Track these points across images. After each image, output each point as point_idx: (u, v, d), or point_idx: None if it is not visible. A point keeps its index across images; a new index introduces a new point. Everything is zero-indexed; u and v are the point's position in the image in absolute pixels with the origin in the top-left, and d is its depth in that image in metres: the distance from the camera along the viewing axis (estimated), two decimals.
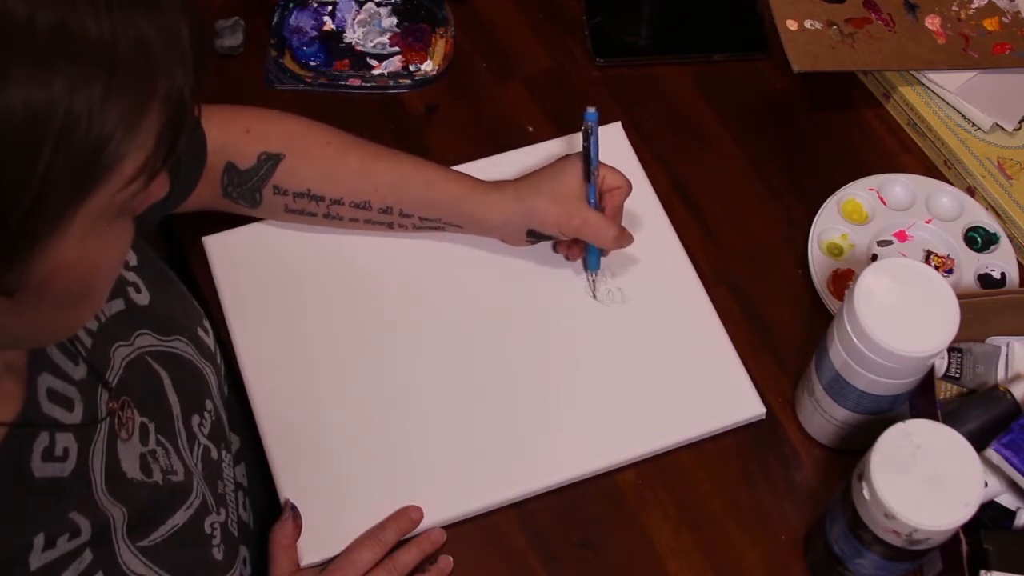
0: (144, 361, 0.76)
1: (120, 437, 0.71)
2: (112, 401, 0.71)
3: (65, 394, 0.67)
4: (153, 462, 0.73)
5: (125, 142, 0.51)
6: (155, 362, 0.77)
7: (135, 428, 0.73)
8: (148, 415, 0.75)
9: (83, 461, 0.67)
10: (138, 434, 0.73)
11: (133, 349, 0.75)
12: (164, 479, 0.74)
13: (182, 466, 0.76)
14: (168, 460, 0.75)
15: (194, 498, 0.76)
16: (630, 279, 0.98)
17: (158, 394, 0.77)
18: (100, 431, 0.69)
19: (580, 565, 0.88)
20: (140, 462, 0.72)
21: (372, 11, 1.13)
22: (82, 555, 0.65)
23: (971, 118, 1.06)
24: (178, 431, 0.77)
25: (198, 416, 0.80)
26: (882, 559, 0.78)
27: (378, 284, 0.97)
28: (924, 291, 0.81)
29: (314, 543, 0.86)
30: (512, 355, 0.94)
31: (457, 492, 0.88)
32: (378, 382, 0.92)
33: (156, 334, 0.78)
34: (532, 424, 0.91)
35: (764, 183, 1.06)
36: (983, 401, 0.86)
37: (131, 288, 0.77)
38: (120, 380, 0.73)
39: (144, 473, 0.72)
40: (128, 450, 0.71)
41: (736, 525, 0.89)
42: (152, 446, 0.74)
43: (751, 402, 0.93)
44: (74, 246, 0.53)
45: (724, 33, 1.15)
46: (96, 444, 0.68)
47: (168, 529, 0.73)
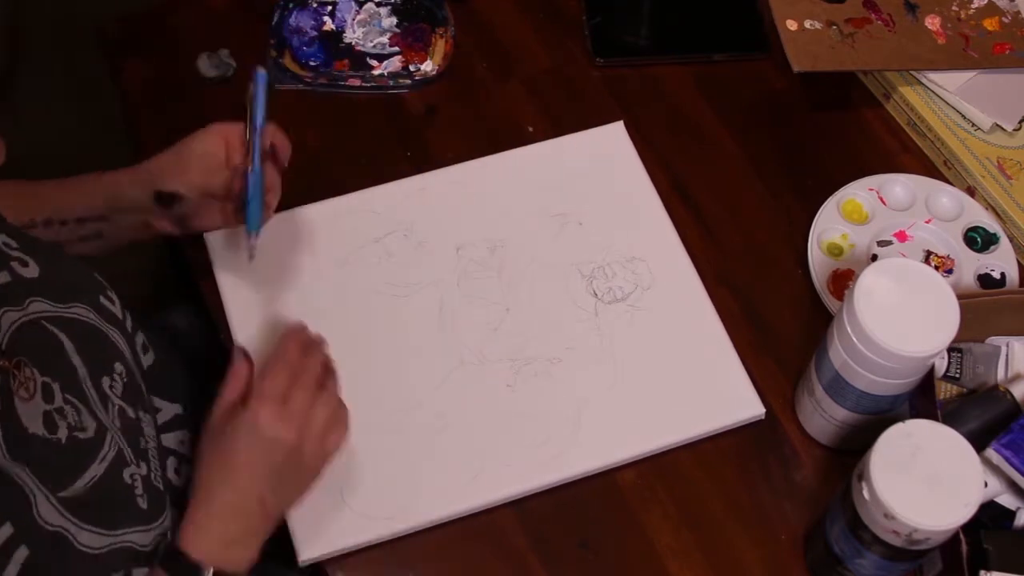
0: (41, 325, 0.77)
1: (19, 396, 0.72)
2: (4, 360, 0.72)
3: None
4: (60, 419, 0.74)
5: None
6: (53, 326, 0.78)
7: (37, 388, 0.73)
8: (51, 375, 0.75)
9: None
10: (40, 393, 0.74)
11: (25, 314, 0.76)
12: (69, 436, 0.74)
13: (94, 422, 0.77)
14: (78, 417, 0.76)
15: (107, 451, 0.77)
16: (630, 279, 0.98)
17: (59, 356, 0.78)
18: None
19: (580, 565, 0.88)
20: (44, 419, 0.73)
21: (372, 11, 1.13)
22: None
23: (971, 118, 1.06)
24: (87, 390, 0.78)
25: (108, 378, 0.81)
26: (882, 559, 0.78)
27: (379, 279, 0.97)
28: (924, 291, 0.81)
29: (314, 538, 0.86)
30: (513, 354, 0.94)
31: (457, 489, 0.88)
32: (378, 378, 0.93)
33: (52, 301, 0.79)
34: (533, 422, 0.91)
35: (764, 183, 1.06)
36: (983, 401, 0.86)
37: (15, 263, 0.78)
38: (11, 342, 0.74)
39: (48, 430, 0.73)
40: (29, 408, 0.72)
41: (736, 525, 0.89)
42: (59, 404, 0.75)
43: (751, 402, 0.93)
44: None
45: (724, 33, 1.15)
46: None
47: (88, 480, 0.74)
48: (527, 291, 0.97)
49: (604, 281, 0.97)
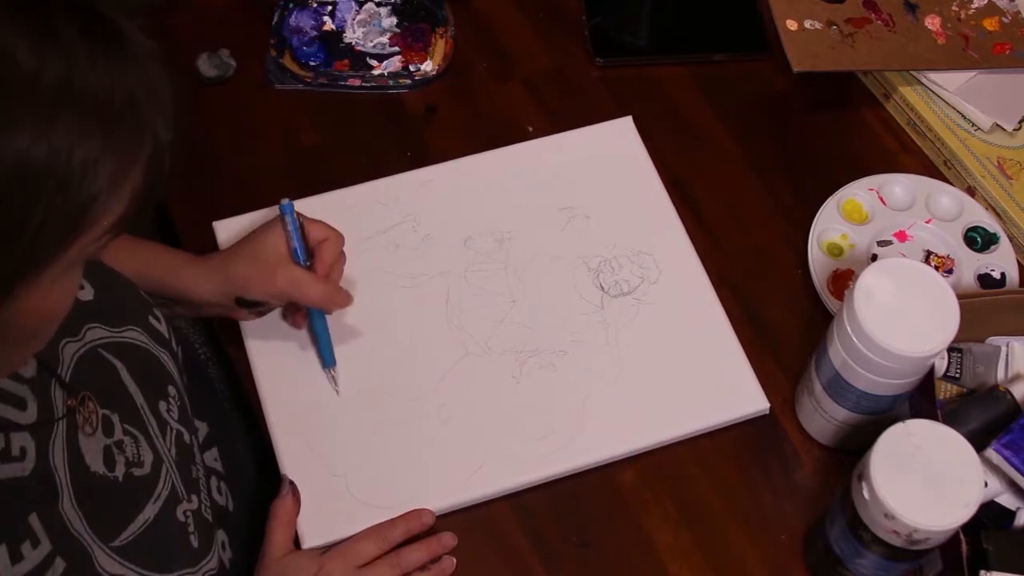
0: (97, 354, 0.76)
1: (84, 432, 0.71)
2: (71, 398, 0.71)
3: (17, 393, 0.67)
4: (119, 453, 0.73)
5: (111, 197, 0.53)
6: (108, 353, 0.77)
7: (98, 422, 0.73)
8: (110, 407, 0.75)
9: (43, 459, 0.67)
10: (101, 427, 0.73)
11: (82, 344, 0.76)
12: (126, 473, 0.74)
13: (151, 454, 0.76)
14: (136, 449, 0.75)
15: (161, 489, 0.76)
16: (636, 272, 0.98)
17: (116, 385, 0.77)
18: (58, 429, 0.69)
19: (580, 565, 0.88)
20: (104, 454, 0.72)
21: (372, 11, 1.13)
22: (53, 564, 0.65)
23: (971, 118, 1.06)
24: (146, 418, 0.78)
25: (164, 402, 0.80)
26: (882, 559, 0.78)
27: (386, 271, 0.97)
28: (924, 291, 0.81)
29: (317, 526, 0.86)
30: (519, 346, 0.94)
31: (462, 479, 0.89)
32: (385, 368, 0.93)
33: (107, 326, 0.78)
34: (538, 414, 0.91)
35: (764, 183, 1.06)
36: (983, 401, 0.86)
37: None
38: (73, 375, 0.73)
39: (107, 467, 0.72)
40: (91, 444, 0.71)
41: (736, 525, 0.89)
42: (119, 436, 0.74)
43: (755, 397, 0.93)
44: (42, 293, 0.54)
45: (724, 33, 1.15)
46: (55, 442, 0.68)
47: (140, 526, 0.73)
48: (534, 284, 0.97)
49: (610, 275, 0.98)
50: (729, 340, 0.95)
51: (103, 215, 0.53)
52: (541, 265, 0.98)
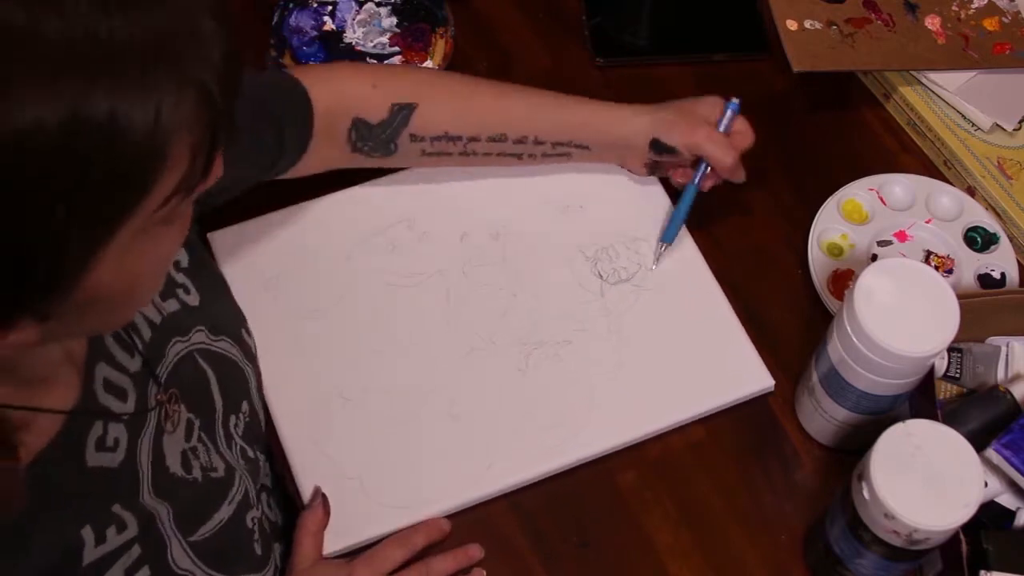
0: (193, 358, 0.77)
1: (166, 430, 0.71)
2: (160, 394, 0.71)
3: (120, 384, 0.68)
4: (193, 459, 0.74)
5: (164, 150, 0.49)
6: (203, 360, 0.78)
7: (181, 422, 0.73)
8: (194, 411, 0.75)
9: (132, 453, 0.67)
10: (183, 429, 0.73)
11: (188, 345, 0.76)
12: (204, 475, 0.74)
13: (222, 462, 0.77)
14: (208, 457, 0.76)
15: (236, 491, 0.77)
16: (633, 259, 0.98)
17: (204, 392, 0.77)
18: (148, 423, 0.69)
19: (580, 565, 0.88)
20: (181, 458, 0.72)
21: (372, 11, 1.13)
22: (131, 549, 0.66)
23: (971, 118, 1.06)
24: (217, 431, 0.78)
25: (235, 416, 0.81)
26: (882, 559, 0.78)
27: (385, 272, 0.97)
28: (924, 291, 0.81)
29: (338, 531, 0.87)
30: (523, 338, 0.95)
31: (476, 475, 0.89)
32: (390, 369, 0.93)
33: (209, 332, 0.79)
34: (547, 404, 0.92)
35: (764, 183, 1.06)
36: (983, 401, 0.86)
37: (180, 289, 0.78)
38: (170, 374, 0.73)
39: (184, 469, 0.72)
40: (172, 444, 0.72)
41: (736, 525, 0.89)
42: (194, 443, 0.74)
43: (760, 375, 0.94)
44: (114, 263, 0.52)
45: (724, 33, 1.15)
46: (144, 437, 0.69)
47: (216, 524, 0.74)
48: (533, 276, 0.98)
49: (608, 262, 0.98)
50: (730, 321, 0.96)
51: (160, 170, 0.50)
52: (539, 257, 0.99)
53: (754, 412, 0.94)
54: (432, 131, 0.94)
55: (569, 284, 0.98)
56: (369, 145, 0.93)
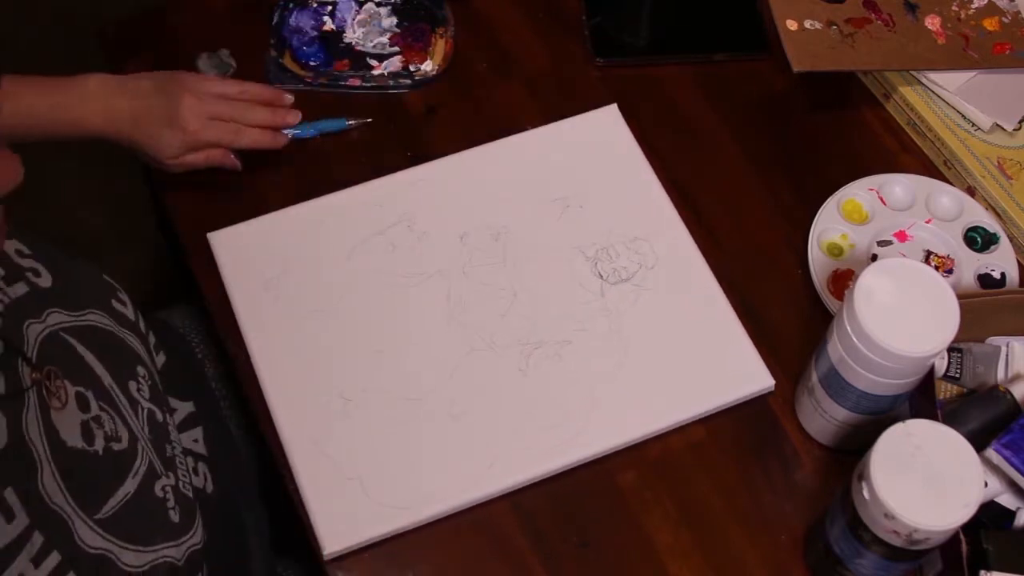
0: (60, 337, 0.77)
1: (52, 407, 0.71)
2: (35, 372, 0.71)
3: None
4: (97, 428, 0.74)
5: None
6: (71, 337, 0.78)
7: (69, 397, 0.73)
8: (82, 384, 0.75)
9: (17, 435, 0.67)
10: (74, 402, 0.73)
11: (45, 326, 0.76)
12: (106, 447, 0.74)
13: (127, 431, 0.77)
14: (113, 425, 0.76)
15: (139, 464, 0.77)
16: (634, 259, 0.98)
17: (82, 365, 0.77)
18: (28, 403, 0.69)
19: (580, 565, 0.88)
20: (82, 429, 0.72)
21: (372, 11, 1.13)
22: (31, 538, 0.65)
23: (971, 118, 1.06)
24: (116, 397, 0.78)
25: (133, 382, 0.81)
26: (882, 559, 0.78)
27: (386, 272, 0.97)
28: (924, 291, 0.81)
29: (338, 532, 0.87)
30: (523, 338, 0.95)
31: (476, 474, 0.89)
32: (391, 369, 0.93)
33: (67, 311, 0.79)
34: (548, 404, 0.92)
35: (764, 183, 1.06)
36: (983, 401, 0.86)
37: (29, 273, 0.78)
38: (39, 355, 0.73)
39: (86, 441, 0.72)
40: (66, 419, 0.71)
41: (736, 525, 0.89)
42: (95, 412, 0.74)
43: (760, 375, 0.94)
44: None
45: (724, 33, 1.15)
46: (27, 415, 0.68)
47: (121, 499, 0.74)
48: (533, 276, 0.98)
49: (608, 262, 0.98)
50: (730, 321, 0.96)
51: None
52: (539, 257, 0.99)
53: (754, 412, 0.94)
54: None
55: (569, 284, 0.98)
56: None
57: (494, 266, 0.98)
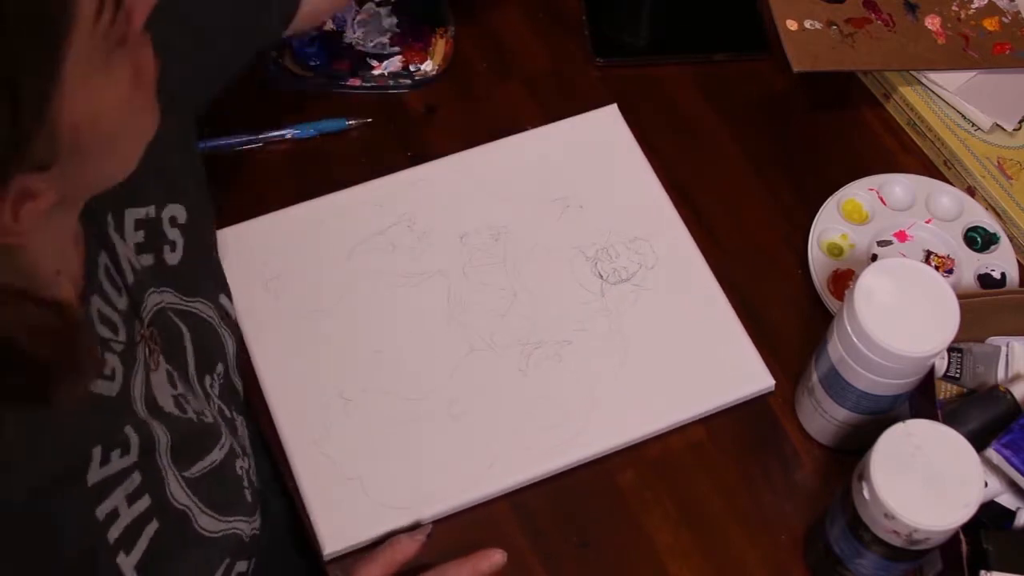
0: (166, 313, 0.78)
1: (151, 368, 0.72)
2: (144, 329, 0.72)
3: (112, 319, 0.69)
4: (185, 403, 0.75)
5: None
6: (176, 317, 0.79)
7: (161, 366, 0.74)
8: (172, 364, 0.76)
9: (126, 384, 0.68)
10: (165, 376, 0.74)
11: (160, 300, 0.77)
12: (198, 418, 0.76)
13: (209, 413, 0.78)
14: (198, 404, 0.77)
15: (224, 440, 0.78)
16: (634, 259, 0.98)
17: (178, 346, 0.78)
18: (138, 360, 0.70)
19: (580, 565, 0.88)
20: (174, 401, 0.74)
21: (372, 11, 1.13)
22: (131, 476, 0.67)
23: (971, 118, 1.06)
24: (194, 386, 0.79)
25: (209, 376, 0.81)
26: (882, 559, 0.78)
27: (385, 272, 0.98)
28: (924, 291, 0.81)
29: (338, 532, 0.87)
30: (523, 338, 0.95)
31: (477, 475, 0.89)
32: (391, 369, 0.93)
33: (179, 293, 0.79)
34: (548, 404, 0.92)
35: (764, 183, 1.06)
36: (983, 401, 0.86)
37: (167, 246, 0.79)
38: (151, 321, 0.75)
39: (179, 410, 0.74)
40: (160, 385, 0.73)
41: (736, 525, 0.89)
42: (181, 390, 0.75)
43: (760, 375, 0.94)
44: (79, 97, 0.53)
45: (724, 33, 1.15)
46: (136, 371, 0.70)
47: (207, 464, 0.75)
48: (533, 276, 0.98)
49: (608, 262, 0.98)
50: (730, 321, 0.96)
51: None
52: (539, 257, 0.99)
53: (754, 412, 0.94)
54: None
55: (569, 284, 0.98)
56: None
57: (494, 266, 0.98)
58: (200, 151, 0.90)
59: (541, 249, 0.99)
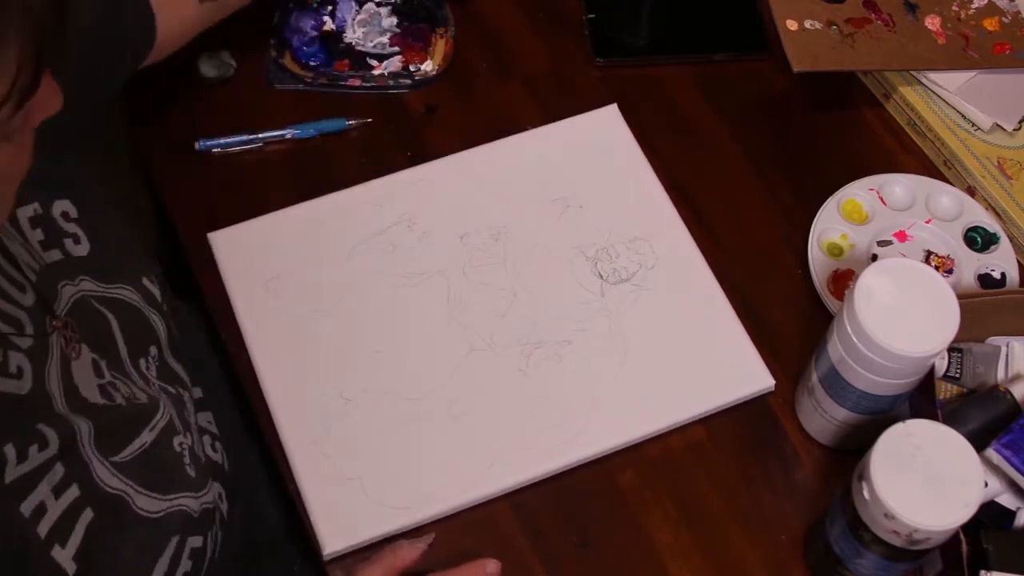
0: (88, 302, 0.77)
1: (71, 357, 0.72)
2: (56, 320, 0.72)
3: (15, 316, 0.69)
4: (114, 391, 0.75)
5: None
6: (100, 304, 0.78)
7: (83, 354, 0.74)
8: (98, 352, 0.76)
9: (39, 381, 0.68)
10: (90, 365, 0.74)
11: (78, 290, 0.77)
12: (128, 402, 0.75)
13: (144, 395, 0.78)
14: (129, 390, 0.76)
15: (159, 418, 0.77)
16: (634, 259, 0.98)
17: (106, 333, 0.78)
18: (52, 352, 0.70)
19: (580, 565, 0.88)
20: (100, 391, 0.73)
21: (372, 11, 1.13)
22: (53, 468, 0.66)
23: (971, 118, 1.06)
24: (129, 371, 0.78)
25: (143, 360, 0.81)
26: (882, 559, 0.78)
27: (385, 272, 0.97)
28: (924, 291, 0.81)
29: (338, 532, 0.87)
30: (523, 338, 0.95)
31: (477, 475, 0.89)
32: (391, 369, 0.93)
33: (98, 281, 0.79)
34: (548, 404, 0.92)
35: (764, 183, 1.06)
36: (983, 401, 0.86)
37: (69, 239, 0.78)
38: (68, 313, 0.74)
39: (106, 398, 0.73)
40: (83, 374, 0.72)
41: (736, 525, 0.89)
42: (109, 378, 0.75)
43: (760, 375, 0.94)
44: None
45: (724, 33, 1.15)
46: (50, 366, 0.69)
47: (138, 447, 0.74)
48: (533, 276, 0.98)
49: (608, 262, 0.98)
50: (730, 321, 0.96)
51: None
52: (539, 257, 0.99)
53: (754, 412, 0.94)
54: None
55: (569, 284, 0.98)
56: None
57: (494, 266, 0.98)
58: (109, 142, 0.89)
59: (541, 249, 0.99)
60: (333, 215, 1.00)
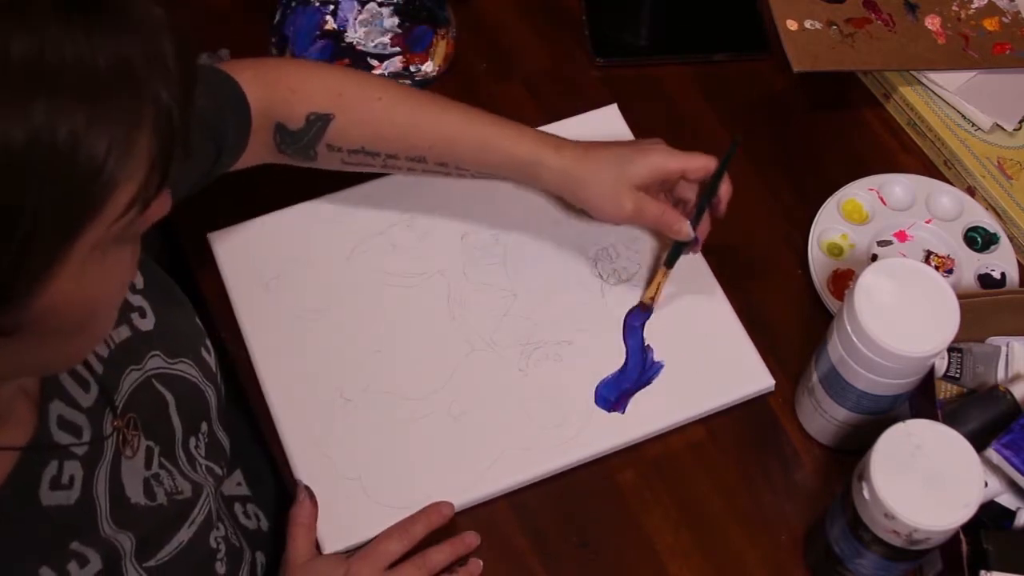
0: (151, 384, 0.76)
1: (124, 455, 0.71)
2: (117, 420, 0.71)
3: (75, 422, 0.67)
4: (157, 486, 0.73)
5: (116, 170, 0.50)
6: (161, 385, 0.77)
7: (140, 448, 0.73)
8: (153, 438, 0.75)
9: (88, 488, 0.67)
10: (143, 456, 0.73)
11: (143, 372, 0.75)
12: (169, 500, 0.74)
13: (188, 484, 0.76)
14: (173, 482, 0.75)
15: (197, 514, 0.76)
16: (634, 259, 0.98)
17: (163, 417, 0.77)
18: (106, 453, 0.69)
19: (580, 565, 0.88)
20: (144, 487, 0.72)
21: (374, 11, 1.13)
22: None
23: (971, 118, 1.06)
24: (178, 455, 0.78)
25: (194, 438, 0.80)
26: (882, 559, 0.78)
27: (386, 272, 0.98)
28: (924, 291, 0.81)
29: (337, 531, 0.87)
30: (524, 339, 0.95)
31: (476, 475, 0.89)
32: (391, 369, 0.93)
33: (165, 356, 0.78)
34: (548, 405, 0.92)
35: (764, 183, 1.06)
36: (983, 401, 0.86)
37: (135, 314, 0.76)
38: (127, 403, 0.73)
39: (148, 497, 0.72)
40: (131, 472, 0.71)
41: (736, 525, 0.89)
42: (156, 469, 0.74)
43: (760, 375, 0.94)
44: (71, 281, 0.52)
45: (724, 33, 1.15)
46: (100, 469, 0.68)
47: (174, 547, 0.73)
48: (533, 276, 0.98)
49: (608, 263, 0.98)
50: (730, 321, 0.96)
51: (114, 190, 0.50)
52: (539, 257, 0.99)
53: (754, 412, 0.94)
54: (348, 144, 0.91)
55: (570, 284, 0.98)
56: (291, 149, 0.91)
57: (494, 266, 0.98)
58: None
59: (541, 249, 0.99)
60: (333, 215, 1.00)
